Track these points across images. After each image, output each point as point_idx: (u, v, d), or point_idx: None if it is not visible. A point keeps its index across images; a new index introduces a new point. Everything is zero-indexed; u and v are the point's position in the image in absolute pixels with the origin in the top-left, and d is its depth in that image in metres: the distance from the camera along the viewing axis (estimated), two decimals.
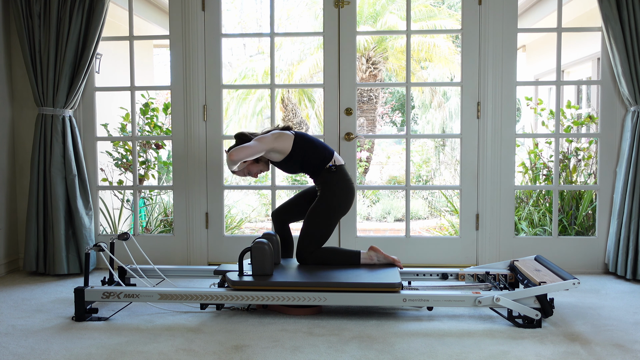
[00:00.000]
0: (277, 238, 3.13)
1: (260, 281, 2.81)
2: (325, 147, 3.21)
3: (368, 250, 3.16)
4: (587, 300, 3.13)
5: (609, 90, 3.73)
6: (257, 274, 2.88)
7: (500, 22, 3.71)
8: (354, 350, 2.40)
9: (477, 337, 2.55)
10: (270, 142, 3.10)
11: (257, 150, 3.06)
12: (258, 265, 2.88)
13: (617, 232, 3.61)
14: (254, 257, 2.88)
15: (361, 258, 3.12)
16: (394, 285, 2.75)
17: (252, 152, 3.04)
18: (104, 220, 4.58)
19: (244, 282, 2.82)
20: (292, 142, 3.13)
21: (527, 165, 4.98)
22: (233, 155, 3.01)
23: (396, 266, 3.08)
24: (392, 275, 2.87)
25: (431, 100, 12.18)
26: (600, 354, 2.34)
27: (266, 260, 2.87)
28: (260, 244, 2.88)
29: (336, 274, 2.93)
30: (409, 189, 3.94)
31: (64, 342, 2.51)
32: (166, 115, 5.18)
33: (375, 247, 3.15)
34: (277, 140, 3.12)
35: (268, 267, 2.88)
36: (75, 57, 3.71)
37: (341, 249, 3.17)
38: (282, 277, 2.86)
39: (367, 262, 3.11)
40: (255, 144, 3.06)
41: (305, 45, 10.98)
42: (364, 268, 3.04)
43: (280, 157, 3.16)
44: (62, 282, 3.59)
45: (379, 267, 3.06)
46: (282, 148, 3.12)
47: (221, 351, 2.39)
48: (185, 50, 3.85)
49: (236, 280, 2.82)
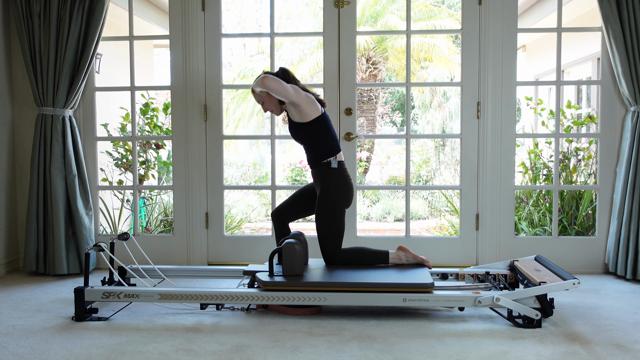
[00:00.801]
0: (304, 238, 3.13)
1: (293, 281, 2.80)
2: (336, 141, 3.18)
3: (397, 250, 3.15)
4: (587, 300, 3.13)
5: (609, 90, 3.73)
6: (288, 275, 2.88)
7: (500, 22, 3.71)
8: (354, 350, 2.40)
9: (477, 337, 2.55)
10: (301, 100, 3.05)
11: (287, 95, 3.01)
12: (289, 265, 2.87)
13: (617, 232, 3.61)
14: (285, 257, 2.88)
15: (390, 258, 3.11)
16: (426, 285, 2.75)
17: (282, 93, 2.99)
18: (104, 220, 4.58)
19: (276, 282, 2.81)
20: (317, 115, 3.10)
21: (527, 165, 4.98)
22: (267, 80, 2.96)
23: (425, 266, 3.08)
24: (423, 276, 2.87)
25: (431, 100, 12.18)
26: (600, 354, 2.34)
27: (297, 260, 2.88)
28: (290, 244, 2.88)
29: (367, 274, 2.91)
30: (409, 189, 3.94)
31: (64, 342, 2.51)
32: (166, 115, 5.18)
33: (404, 247, 3.15)
34: (307, 103, 3.08)
35: (298, 268, 2.88)
36: (75, 57, 3.71)
37: (369, 249, 3.16)
38: (314, 278, 2.85)
39: (395, 262, 3.11)
40: (290, 88, 3.01)
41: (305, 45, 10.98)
42: (393, 268, 3.04)
43: (297, 118, 3.12)
44: (62, 282, 3.59)
45: (408, 267, 3.05)
46: (305, 112, 3.08)
47: (221, 351, 2.39)
48: (185, 50, 3.85)
49: (268, 280, 2.82)
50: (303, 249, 3.03)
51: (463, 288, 2.96)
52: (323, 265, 3.12)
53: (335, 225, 3.10)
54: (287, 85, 3.02)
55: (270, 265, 2.90)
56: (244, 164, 10.70)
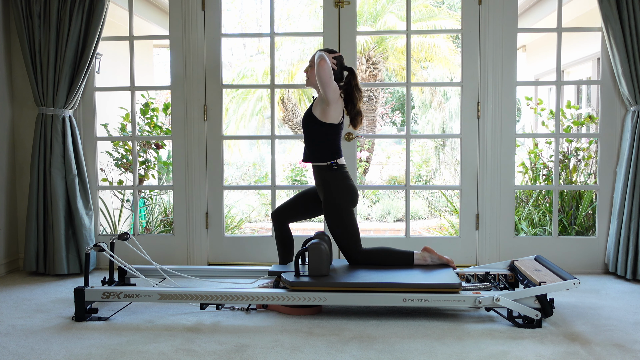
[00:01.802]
0: (329, 238, 3.12)
1: (319, 281, 2.80)
2: (340, 149, 3.17)
3: (422, 250, 3.15)
4: (587, 300, 3.13)
5: (609, 90, 3.73)
6: (314, 275, 2.88)
7: (500, 22, 3.71)
8: (354, 350, 2.40)
9: (477, 337, 2.55)
10: (332, 102, 3.02)
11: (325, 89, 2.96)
12: (315, 266, 2.87)
13: (617, 232, 3.61)
14: (311, 258, 2.88)
15: (415, 259, 3.11)
16: (454, 285, 2.75)
17: (323, 83, 2.95)
18: (104, 220, 4.58)
19: (303, 282, 2.81)
20: (335, 122, 3.09)
21: (527, 165, 4.98)
22: (323, 65, 2.92)
23: (450, 267, 3.08)
24: (450, 276, 2.87)
25: (431, 100, 12.18)
26: (600, 354, 2.34)
27: (323, 261, 2.88)
28: (316, 244, 2.88)
29: (393, 274, 2.92)
30: (409, 189, 3.94)
31: (64, 342, 2.51)
32: (166, 115, 5.18)
33: (429, 248, 3.15)
34: (335, 109, 3.06)
35: (325, 268, 2.88)
36: (75, 57, 3.71)
37: (394, 250, 3.15)
38: (340, 278, 2.85)
39: (420, 262, 3.11)
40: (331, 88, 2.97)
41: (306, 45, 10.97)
42: (418, 269, 3.04)
43: (318, 111, 3.09)
44: (62, 282, 3.59)
45: (433, 268, 3.05)
46: (327, 114, 3.06)
47: (221, 351, 2.39)
48: (185, 50, 3.85)
49: (294, 281, 2.82)
50: (328, 248, 3.02)
51: (463, 288, 2.96)
52: (347, 265, 3.12)
53: (348, 226, 3.10)
54: (333, 83, 2.99)
55: (296, 266, 2.90)
56: (244, 164, 10.70)
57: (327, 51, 3.11)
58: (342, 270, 3.01)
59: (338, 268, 3.05)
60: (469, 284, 3.08)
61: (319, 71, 2.94)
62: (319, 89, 3.05)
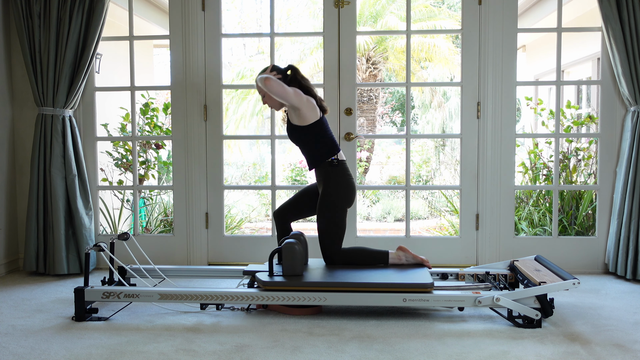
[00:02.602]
0: (304, 238, 3.12)
1: (292, 281, 2.80)
2: (335, 142, 3.18)
3: (396, 250, 3.15)
4: (587, 300, 3.13)
5: (609, 90, 3.73)
6: (287, 274, 2.88)
7: (500, 22, 3.71)
8: (354, 350, 2.40)
9: (477, 337, 2.55)
10: (302, 104, 3.04)
11: (287, 97, 3.00)
12: (289, 265, 2.87)
13: (617, 232, 3.61)
14: (285, 257, 2.88)
15: (390, 258, 3.11)
16: (426, 285, 2.75)
17: (282, 95, 2.98)
18: (104, 220, 4.58)
19: (276, 282, 2.81)
20: (315, 120, 3.10)
21: (527, 165, 4.98)
22: (269, 82, 2.96)
23: (425, 266, 3.08)
24: (423, 276, 2.87)
25: (431, 100, 12.18)
26: (600, 354, 2.34)
27: (296, 260, 2.87)
28: (290, 244, 2.88)
29: (367, 274, 2.91)
30: (409, 189, 3.94)
31: (64, 342, 2.51)
32: (166, 115, 5.18)
33: (404, 247, 3.15)
34: (307, 108, 3.07)
35: (298, 268, 2.88)
36: (75, 57, 3.71)
37: (369, 249, 3.16)
38: (314, 277, 2.85)
39: (395, 262, 3.11)
40: (291, 93, 3.01)
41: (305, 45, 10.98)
42: (393, 268, 3.04)
43: (295, 120, 3.11)
44: (62, 282, 3.59)
45: (408, 268, 3.05)
46: (304, 116, 3.07)
47: (221, 351, 2.39)
48: (185, 50, 3.85)
49: (267, 280, 2.82)
50: (303, 248, 3.03)
51: (463, 288, 2.96)
52: (323, 265, 3.12)
53: (336, 224, 3.10)
54: (289, 89, 3.02)
55: (270, 265, 2.90)
56: (244, 164, 10.70)
57: (262, 72, 3.13)
58: (317, 270, 3.02)
59: (313, 268, 3.05)
60: (469, 284, 3.09)
61: (270, 89, 2.97)
62: (284, 103, 3.09)
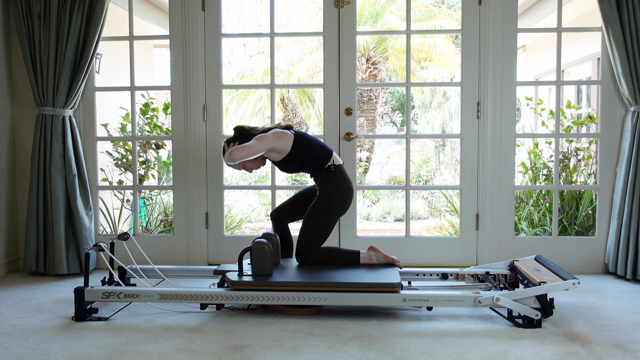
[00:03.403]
0: (276, 238, 3.13)
1: (260, 281, 2.81)
2: (324, 147, 3.20)
3: (367, 250, 3.16)
4: (587, 300, 3.13)
5: (609, 90, 3.73)
6: (256, 274, 2.88)
7: (500, 22, 3.71)
8: (354, 350, 2.40)
9: (477, 337, 2.55)
10: (270, 142, 3.09)
11: (257, 150, 3.06)
12: (258, 265, 2.88)
13: (617, 232, 3.61)
14: (254, 257, 2.88)
15: (361, 258, 3.12)
16: (393, 285, 2.75)
17: (252, 152, 3.04)
18: (104, 220, 4.58)
19: (244, 282, 2.82)
20: (292, 142, 3.13)
21: (527, 165, 4.98)
22: (234, 154, 3.00)
23: (396, 266, 3.08)
24: (392, 275, 2.87)
25: (431, 100, 12.18)
26: (600, 354, 2.34)
27: (266, 260, 2.87)
28: (259, 244, 2.88)
29: (336, 273, 2.93)
30: (409, 189, 3.94)
31: (64, 342, 2.51)
32: (166, 115, 5.18)
33: (375, 247, 3.15)
34: (277, 140, 3.11)
35: (268, 267, 2.88)
36: (75, 57, 3.71)
37: (340, 249, 3.17)
38: (282, 277, 2.86)
39: (366, 262, 3.11)
40: (256, 144, 3.06)
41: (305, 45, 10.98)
42: (363, 268, 3.04)
43: (279, 157, 3.16)
44: (62, 282, 3.59)
45: (378, 267, 3.06)
46: (281, 148, 3.12)
47: (221, 351, 2.39)
48: (185, 50, 3.85)
49: (236, 280, 2.83)
50: (273, 248, 3.04)
51: (463, 288, 2.97)
52: (294, 265, 3.13)
53: (323, 228, 3.12)
54: (252, 143, 3.06)
55: (239, 265, 2.91)
56: None
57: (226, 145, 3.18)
58: (287, 269, 3.02)
59: (284, 267, 3.06)
60: (469, 284, 3.09)
61: (242, 156, 3.02)
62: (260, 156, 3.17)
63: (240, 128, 3.20)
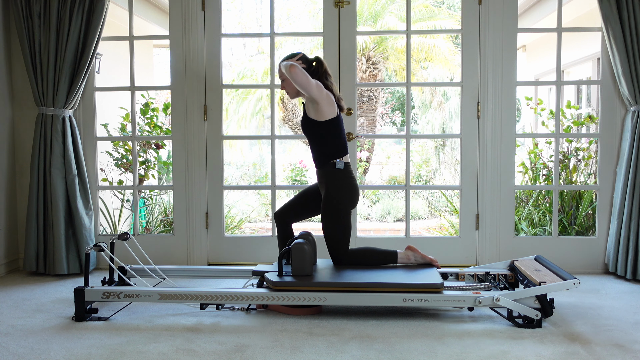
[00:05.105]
0: (313, 238, 3.12)
1: (303, 281, 2.80)
2: (345, 145, 3.16)
3: (405, 249, 3.15)
4: (587, 300, 3.13)
5: (609, 90, 3.73)
6: (297, 274, 2.88)
7: (500, 22, 3.71)
8: (354, 350, 2.40)
9: (477, 337, 2.55)
10: (320, 97, 3.00)
11: (308, 90, 2.95)
12: (298, 265, 2.88)
13: (617, 232, 3.61)
14: (294, 257, 2.88)
15: (398, 258, 3.11)
16: (436, 285, 2.74)
17: (305, 87, 2.94)
18: (104, 220, 4.58)
19: (286, 282, 2.81)
20: (332, 116, 3.06)
21: (527, 165, 4.98)
22: (294, 70, 2.90)
23: (434, 266, 3.08)
24: (433, 276, 2.87)
25: (431, 100, 12.18)
26: (600, 354, 2.34)
27: (306, 260, 2.88)
28: (299, 244, 2.88)
29: (376, 274, 2.91)
30: (409, 189, 3.94)
31: (64, 342, 2.51)
32: (166, 115, 5.18)
33: (413, 247, 3.15)
34: (326, 103, 3.03)
35: (308, 268, 2.88)
36: (75, 57, 3.71)
37: (378, 249, 3.16)
38: (323, 278, 2.85)
39: (404, 261, 3.11)
40: (313, 87, 2.96)
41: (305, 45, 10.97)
42: (402, 268, 3.04)
43: (312, 114, 3.08)
44: (62, 282, 3.59)
45: (417, 267, 3.05)
46: (322, 112, 3.04)
47: (221, 351, 2.39)
48: (185, 50, 3.85)
49: (277, 280, 2.82)
50: (312, 248, 3.02)
51: (463, 288, 2.96)
52: (331, 265, 3.12)
53: (341, 226, 3.09)
54: (312, 81, 2.97)
55: (279, 266, 2.90)
56: (244, 164, 10.70)
57: (288, 58, 3.09)
58: (325, 270, 3.02)
59: (322, 268, 3.06)
60: (469, 284, 3.08)
61: (294, 77, 2.92)
62: (303, 94, 3.05)
63: (321, 62, 3.12)
